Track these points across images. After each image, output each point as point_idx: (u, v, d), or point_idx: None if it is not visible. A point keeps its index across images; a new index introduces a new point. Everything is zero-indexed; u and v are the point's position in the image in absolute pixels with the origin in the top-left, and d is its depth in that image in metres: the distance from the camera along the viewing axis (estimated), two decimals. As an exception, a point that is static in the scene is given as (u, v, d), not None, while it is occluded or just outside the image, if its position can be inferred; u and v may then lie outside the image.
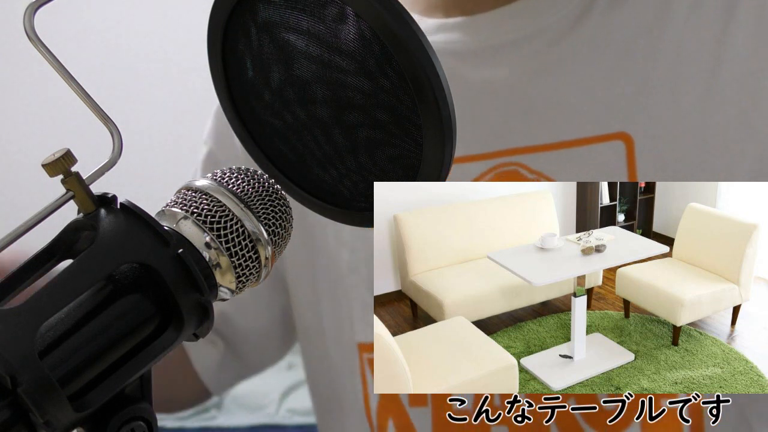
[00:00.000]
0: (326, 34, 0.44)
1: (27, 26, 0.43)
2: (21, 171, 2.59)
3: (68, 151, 0.42)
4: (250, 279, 0.47)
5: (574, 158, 0.82)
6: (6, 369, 0.37)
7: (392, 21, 0.42)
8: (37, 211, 0.42)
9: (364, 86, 0.44)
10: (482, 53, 0.84)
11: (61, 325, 0.41)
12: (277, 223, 0.47)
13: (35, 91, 2.71)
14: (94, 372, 0.41)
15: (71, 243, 0.44)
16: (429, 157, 0.45)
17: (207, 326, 0.44)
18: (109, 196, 0.44)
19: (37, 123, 2.78)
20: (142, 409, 0.42)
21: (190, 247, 0.44)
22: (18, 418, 0.38)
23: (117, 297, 0.43)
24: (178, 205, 0.46)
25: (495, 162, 0.83)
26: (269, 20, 0.47)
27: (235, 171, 0.48)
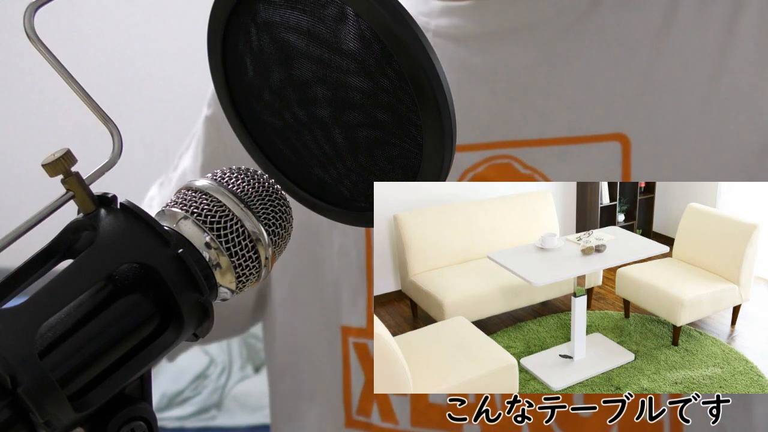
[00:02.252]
0: (326, 34, 0.44)
1: (27, 26, 0.43)
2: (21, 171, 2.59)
3: (68, 151, 0.42)
4: (250, 279, 0.47)
5: (569, 156, 0.82)
6: (6, 369, 0.37)
7: (392, 21, 0.42)
8: (37, 211, 0.42)
9: (364, 86, 0.44)
10: (484, 39, 0.84)
11: (61, 325, 0.41)
12: (277, 223, 0.47)
13: (35, 91, 2.71)
14: (94, 372, 0.41)
15: (71, 243, 0.44)
16: (429, 157, 0.45)
17: (207, 326, 0.44)
18: (109, 196, 0.44)
19: (37, 123, 2.78)
20: (142, 409, 0.42)
21: (190, 247, 0.44)
22: (18, 418, 0.38)
23: (117, 297, 0.43)
24: (178, 205, 0.46)
25: (489, 153, 0.83)
26: (269, 20, 0.47)
27: (235, 171, 0.48)
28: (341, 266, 0.88)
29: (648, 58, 0.81)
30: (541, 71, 0.83)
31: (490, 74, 0.84)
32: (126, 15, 2.81)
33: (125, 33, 2.81)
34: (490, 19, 0.83)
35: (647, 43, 0.81)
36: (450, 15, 0.85)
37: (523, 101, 0.83)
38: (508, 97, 0.83)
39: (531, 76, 0.83)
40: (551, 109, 0.82)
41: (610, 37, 0.82)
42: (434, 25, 0.85)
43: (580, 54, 0.82)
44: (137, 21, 2.81)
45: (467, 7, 0.84)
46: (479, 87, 0.83)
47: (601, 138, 0.81)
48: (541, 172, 0.82)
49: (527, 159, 0.82)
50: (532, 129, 0.82)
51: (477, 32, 0.84)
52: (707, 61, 0.80)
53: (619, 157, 0.80)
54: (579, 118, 0.82)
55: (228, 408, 2.54)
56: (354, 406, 0.90)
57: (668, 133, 0.80)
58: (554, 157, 0.82)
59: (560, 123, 0.82)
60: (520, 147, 0.82)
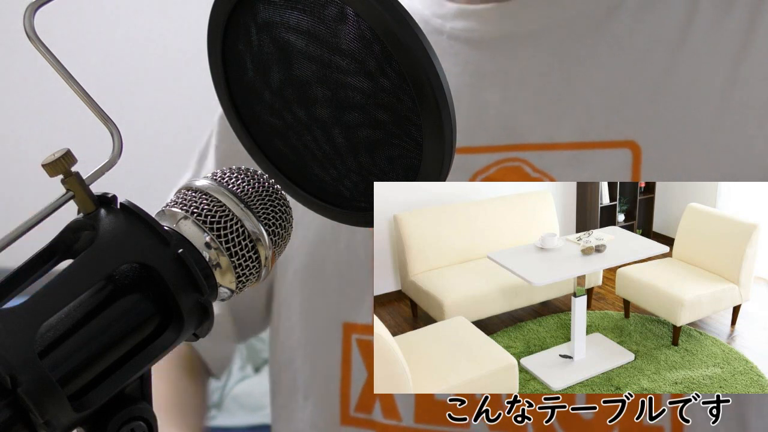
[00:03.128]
0: (326, 35, 0.44)
1: (27, 26, 0.43)
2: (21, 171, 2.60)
3: (68, 151, 0.42)
4: (250, 279, 0.47)
5: (580, 161, 0.82)
6: (6, 369, 0.37)
7: (392, 21, 0.42)
8: (37, 211, 0.41)
9: (364, 86, 0.44)
10: (499, 43, 0.84)
11: (61, 325, 0.41)
12: (277, 223, 0.47)
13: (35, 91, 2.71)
14: (94, 372, 0.41)
15: (71, 243, 0.44)
16: (429, 157, 0.45)
17: (207, 326, 0.44)
18: (109, 196, 0.44)
19: (37, 123, 2.78)
20: (142, 409, 0.42)
21: (190, 247, 0.44)
22: (18, 418, 0.38)
23: (117, 297, 0.43)
24: (178, 205, 0.46)
25: (500, 156, 0.83)
26: (269, 20, 0.47)
27: (235, 171, 0.48)
28: (347, 262, 0.88)
29: (663, 66, 0.81)
30: (555, 76, 0.83)
31: (503, 78, 0.84)
32: (126, 15, 2.81)
33: (125, 33, 2.81)
34: (506, 23, 0.83)
35: (663, 52, 0.81)
36: (465, 18, 0.84)
37: (536, 105, 0.83)
38: (521, 101, 0.83)
39: (545, 81, 0.83)
40: (563, 113, 0.82)
41: (625, 44, 0.82)
42: (449, 27, 0.86)
43: (595, 60, 0.82)
44: (137, 21, 2.81)
45: (483, 10, 0.84)
46: (492, 90, 0.84)
47: (612, 144, 0.81)
48: (551, 176, 0.82)
49: (537, 163, 0.82)
50: (544, 133, 0.82)
51: (492, 36, 0.84)
52: (721, 71, 0.80)
53: (629, 164, 0.80)
54: (591, 123, 0.82)
55: (228, 408, 2.54)
56: (352, 403, 0.90)
57: (679, 142, 0.80)
58: (564, 161, 0.82)
59: (572, 128, 0.82)
60: (531, 150, 0.83)
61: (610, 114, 0.81)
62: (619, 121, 0.81)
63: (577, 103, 0.82)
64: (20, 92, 2.80)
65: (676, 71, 0.81)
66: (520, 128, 0.83)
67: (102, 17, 2.81)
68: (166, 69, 2.79)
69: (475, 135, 0.83)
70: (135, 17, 2.81)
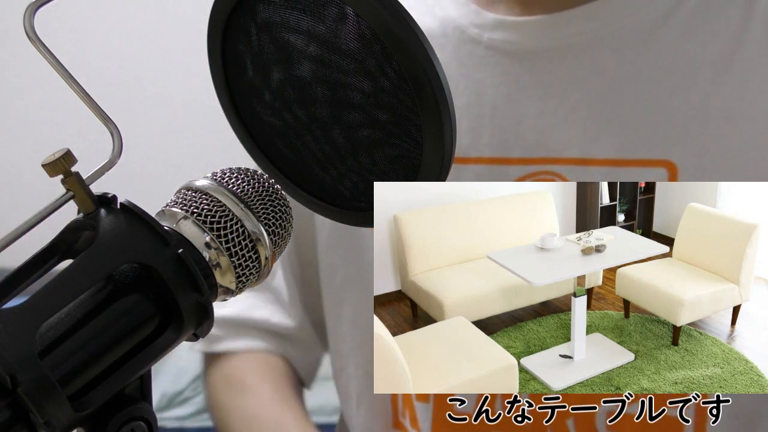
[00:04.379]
0: (326, 34, 0.44)
1: (27, 26, 0.43)
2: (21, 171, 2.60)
3: (68, 151, 0.42)
4: (250, 279, 0.47)
5: (614, 178, 0.81)
6: (6, 369, 0.37)
7: (392, 21, 0.42)
8: (37, 211, 0.41)
9: (364, 86, 0.44)
10: (538, 56, 0.83)
11: (61, 325, 0.41)
12: (277, 223, 0.47)
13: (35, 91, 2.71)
14: (94, 372, 0.41)
15: (71, 243, 0.44)
16: (429, 157, 0.45)
17: (207, 326, 0.44)
18: (109, 196, 0.44)
19: (37, 123, 2.78)
20: (142, 409, 0.42)
21: (190, 247, 0.44)
22: (18, 418, 0.38)
23: (117, 297, 0.43)
24: (178, 205, 0.46)
25: (534, 168, 0.83)
26: (269, 20, 0.47)
27: (235, 171, 0.48)
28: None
29: (706, 88, 0.80)
30: (594, 92, 0.82)
31: (542, 91, 0.83)
32: (126, 15, 2.81)
33: (125, 33, 2.81)
34: (546, 37, 0.82)
35: (707, 73, 0.80)
36: (504, 29, 0.83)
37: (573, 120, 0.82)
38: (558, 115, 0.82)
39: (583, 96, 0.82)
40: (601, 130, 0.81)
41: (669, 64, 0.81)
42: (487, 37, 0.84)
43: (637, 78, 0.81)
44: (137, 21, 2.81)
45: (523, 22, 0.83)
46: (529, 102, 0.83)
47: (648, 163, 0.80)
48: None
49: (571, 177, 0.82)
50: (580, 148, 0.82)
51: (532, 48, 0.83)
52: (766, 97, 0.79)
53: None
54: (628, 141, 0.81)
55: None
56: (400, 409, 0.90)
57: (717, 165, 0.79)
58: (599, 177, 0.81)
59: (608, 144, 0.81)
60: (566, 164, 0.82)
61: (647, 133, 0.80)
62: (657, 140, 0.80)
63: (615, 120, 0.81)
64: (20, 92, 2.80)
65: (720, 94, 0.80)
66: (556, 142, 0.82)
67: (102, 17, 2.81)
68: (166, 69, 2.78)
69: (510, 146, 0.82)
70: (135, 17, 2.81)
